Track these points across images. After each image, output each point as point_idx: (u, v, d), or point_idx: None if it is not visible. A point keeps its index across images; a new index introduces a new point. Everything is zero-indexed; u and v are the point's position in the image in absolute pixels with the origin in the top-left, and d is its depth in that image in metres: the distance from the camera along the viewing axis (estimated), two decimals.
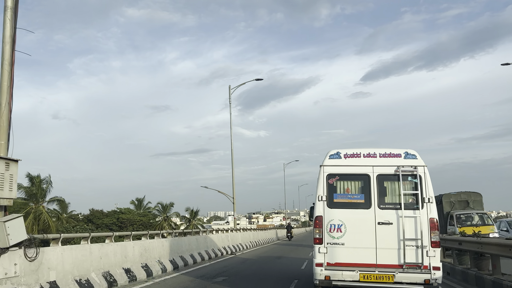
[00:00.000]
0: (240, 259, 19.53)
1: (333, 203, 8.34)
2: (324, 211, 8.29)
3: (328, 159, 8.63)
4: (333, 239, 8.17)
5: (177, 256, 15.41)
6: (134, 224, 52.54)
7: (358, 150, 8.64)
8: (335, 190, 8.44)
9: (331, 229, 8.20)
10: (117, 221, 53.62)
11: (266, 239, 36.60)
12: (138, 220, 54.06)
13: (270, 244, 34.85)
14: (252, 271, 14.57)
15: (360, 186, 8.42)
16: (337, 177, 8.49)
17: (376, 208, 8.14)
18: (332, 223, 8.21)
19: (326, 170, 8.55)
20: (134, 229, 49.15)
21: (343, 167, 8.52)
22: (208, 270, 14.58)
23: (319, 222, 8.27)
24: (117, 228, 50.70)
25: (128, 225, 51.47)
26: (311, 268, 8.69)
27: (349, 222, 8.16)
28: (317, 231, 8.25)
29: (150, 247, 13.39)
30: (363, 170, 8.40)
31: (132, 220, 53.49)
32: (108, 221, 53.74)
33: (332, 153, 8.69)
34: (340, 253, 8.09)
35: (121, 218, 54.03)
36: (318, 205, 8.36)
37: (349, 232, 8.12)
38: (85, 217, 58.78)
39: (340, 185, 8.49)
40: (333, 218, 8.22)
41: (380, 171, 8.34)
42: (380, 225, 8.03)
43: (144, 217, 57.03)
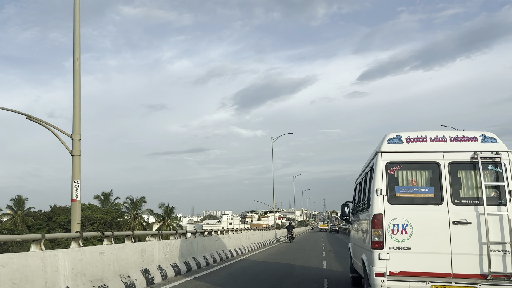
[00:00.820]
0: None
1: (395, 198, 6.88)
2: (384, 208, 6.82)
3: (387, 144, 7.16)
4: (396, 243, 6.70)
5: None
6: (94, 223, 46.83)
7: (423, 133, 7.18)
8: (397, 182, 6.97)
9: (394, 230, 6.73)
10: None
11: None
12: (99, 218, 47.97)
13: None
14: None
15: (428, 176, 6.97)
16: (399, 166, 7.02)
17: (450, 204, 6.70)
18: (395, 223, 6.75)
19: (385, 157, 7.08)
20: (94, 229, 43.67)
21: (406, 154, 7.05)
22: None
23: (379, 221, 6.79)
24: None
25: (87, 224, 45.83)
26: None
27: (416, 222, 6.70)
28: (376, 233, 6.78)
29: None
30: (431, 157, 6.95)
31: (92, 218, 47.32)
32: (63, 220, 47.68)
33: (390, 136, 7.22)
34: (406, 259, 6.63)
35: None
36: (376, 200, 6.89)
37: (417, 234, 6.66)
38: (45, 214, 53.84)
39: (403, 176, 7.02)
40: (396, 217, 6.76)
41: (453, 158, 6.89)
42: (455, 225, 6.58)
43: (107, 214, 50.63)
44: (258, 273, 14.02)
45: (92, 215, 47.79)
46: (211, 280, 12.35)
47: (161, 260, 12.28)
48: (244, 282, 12.08)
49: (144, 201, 58.83)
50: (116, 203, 58.04)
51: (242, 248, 23.26)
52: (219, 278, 12.81)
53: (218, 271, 14.46)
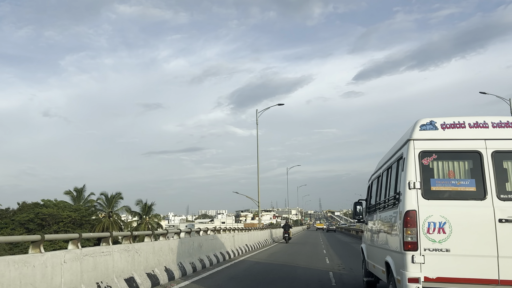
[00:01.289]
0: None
1: (430, 192, 6.03)
2: (418, 204, 5.97)
3: (419, 131, 6.31)
4: (433, 244, 5.84)
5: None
6: (60, 221, 41.63)
7: (461, 118, 6.34)
8: (432, 174, 6.13)
9: (430, 229, 5.87)
10: (36, 217, 41.60)
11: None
12: (65, 216, 42.22)
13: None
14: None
15: (468, 167, 6.13)
16: (435, 156, 6.18)
17: (495, 199, 5.85)
18: (430, 221, 5.89)
19: (418, 145, 6.23)
20: (60, 228, 39.98)
21: (442, 142, 6.21)
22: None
23: (412, 219, 5.93)
24: (35, 226, 40.36)
25: (52, 223, 41.31)
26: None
27: (455, 219, 5.85)
28: (408, 232, 5.91)
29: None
30: (471, 146, 6.12)
31: (57, 216, 41.92)
32: (23, 218, 42.07)
33: (423, 122, 6.37)
34: (445, 263, 5.78)
35: (41, 214, 41.75)
36: (408, 195, 6.04)
37: (456, 234, 5.80)
38: (14, 212, 48.86)
39: (439, 167, 6.18)
40: (432, 214, 5.90)
41: (497, 146, 6.06)
42: (502, 223, 5.73)
43: (76, 212, 44.63)
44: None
45: (58, 212, 42.61)
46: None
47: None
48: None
49: (120, 197, 53.71)
50: (89, 200, 53.04)
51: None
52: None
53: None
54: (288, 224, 38.30)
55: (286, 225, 37.87)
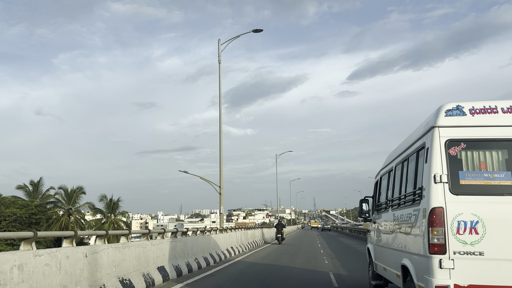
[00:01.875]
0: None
1: (459, 186, 5.31)
2: (446, 200, 5.25)
3: (445, 117, 5.59)
4: (464, 246, 5.13)
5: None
6: (3, 220, 37.00)
7: (492, 102, 5.63)
8: (460, 166, 5.41)
9: (460, 229, 5.16)
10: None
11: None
12: (9, 214, 37.33)
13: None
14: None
15: (502, 158, 5.42)
16: (463, 145, 5.46)
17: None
18: (460, 220, 5.17)
19: (443, 133, 5.51)
20: (3, 228, 35.96)
21: (471, 129, 5.50)
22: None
23: (439, 218, 5.20)
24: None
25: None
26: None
27: (489, 218, 5.14)
28: (435, 233, 5.19)
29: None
30: (505, 133, 5.42)
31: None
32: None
33: (449, 107, 5.65)
34: (478, 269, 5.06)
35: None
36: (434, 190, 5.31)
37: (491, 234, 5.10)
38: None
39: (469, 158, 5.46)
40: (461, 212, 5.19)
41: None
42: None
43: (24, 208, 39.39)
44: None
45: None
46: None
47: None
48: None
49: (82, 192, 48.35)
50: (46, 195, 47.75)
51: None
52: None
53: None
54: (281, 223, 34.30)
55: (279, 224, 34.08)
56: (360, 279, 12.44)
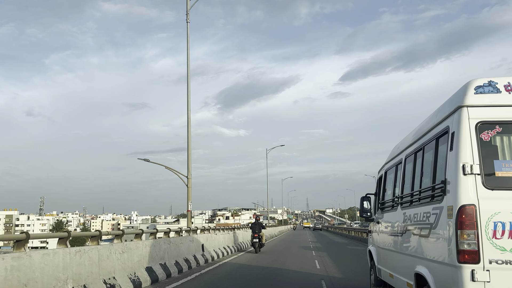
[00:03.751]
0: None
1: (495, 179, 4.50)
2: (478, 196, 4.43)
3: (474, 95, 4.77)
4: (502, 253, 4.30)
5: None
6: None
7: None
8: (496, 154, 4.60)
9: (497, 232, 4.33)
10: None
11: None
12: None
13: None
14: None
15: None
16: (499, 128, 4.66)
17: None
18: (498, 220, 4.35)
19: (473, 114, 4.69)
20: None
21: (509, 109, 4.70)
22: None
23: (469, 218, 4.37)
24: None
25: None
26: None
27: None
28: (465, 237, 4.35)
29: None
30: None
31: None
32: None
33: (479, 83, 4.83)
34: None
35: None
36: (463, 183, 4.49)
37: None
38: None
39: (506, 144, 4.66)
40: (499, 210, 4.37)
41: None
42: None
43: None
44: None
45: None
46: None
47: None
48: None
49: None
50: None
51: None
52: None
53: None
54: (259, 223, 24.99)
55: (256, 224, 24.82)
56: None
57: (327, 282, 12.52)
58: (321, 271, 15.17)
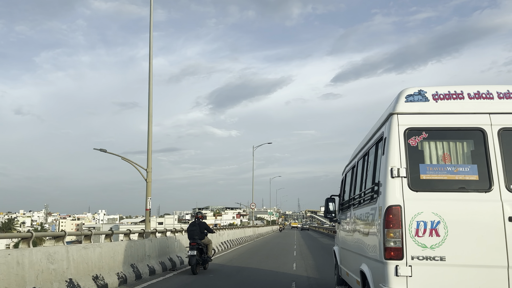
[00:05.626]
0: None
1: (420, 181, 5.09)
2: (404, 197, 5.03)
3: (405, 103, 5.37)
4: (423, 250, 4.91)
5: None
6: None
7: (458, 87, 5.44)
8: (421, 159, 5.19)
9: (420, 230, 4.93)
10: None
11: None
12: None
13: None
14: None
15: (468, 150, 5.23)
16: (425, 134, 5.25)
17: (503, 191, 4.97)
18: (420, 220, 4.95)
19: (403, 121, 5.29)
20: None
21: (435, 117, 5.30)
22: None
23: (396, 217, 4.97)
24: None
25: None
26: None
27: (452, 218, 4.92)
28: (391, 235, 4.95)
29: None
30: (472, 121, 5.23)
31: None
32: None
33: (410, 92, 5.43)
34: (439, 276, 4.85)
35: None
36: (391, 185, 5.08)
37: (454, 237, 4.89)
38: None
39: (431, 149, 5.26)
40: (421, 210, 4.96)
41: (505, 122, 5.20)
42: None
43: None
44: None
45: None
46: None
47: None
48: None
49: None
50: None
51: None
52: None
53: None
54: (202, 224, 15.95)
55: (196, 226, 15.78)
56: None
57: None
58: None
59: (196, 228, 15.60)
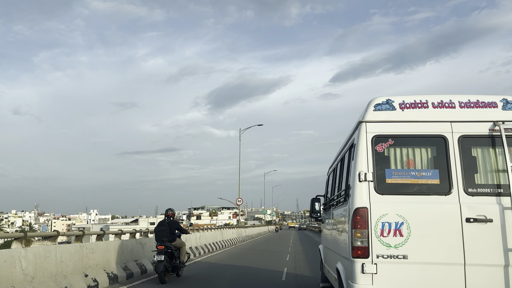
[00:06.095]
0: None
1: (385, 185, 5.55)
2: (370, 200, 5.48)
3: (373, 112, 5.83)
4: (387, 249, 5.36)
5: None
6: None
7: (423, 96, 5.90)
8: (387, 164, 5.65)
9: (384, 231, 5.39)
10: None
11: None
12: None
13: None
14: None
15: (431, 155, 5.68)
16: (391, 141, 5.70)
17: (462, 194, 5.43)
18: (385, 221, 5.40)
19: (371, 128, 5.74)
20: None
21: (400, 124, 5.75)
22: None
23: (362, 218, 5.43)
24: None
25: None
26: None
27: (414, 219, 5.38)
28: (358, 235, 5.42)
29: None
30: (435, 129, 5.68)
31: None
32: None
33: (378, 101, 5.89)
34: (401, 273, 5.31)
35: None
36: (358, 189, 5.54)
37: (416, 236, 5.35)
38: None
39: (396, 155, 5.71)
40: (386, 212, 5.42)
41: (465, 130, 5.65)
42: (470, 223, 5.31)
43: None
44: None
45: None
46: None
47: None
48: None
49: None
50: None
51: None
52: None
53: None
54: (173, 223, 13.88)
55: (164, 226, 13.66)
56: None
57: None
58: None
59: (166, 228, 13.37)
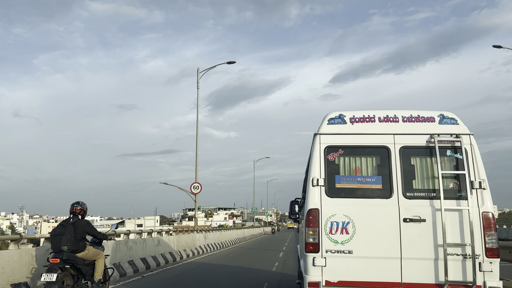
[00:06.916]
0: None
1: (335, 189, 6.49)
2: (321, 202, 6.42)
3: (327, 125, 6.78)
4: (335, 245, 6.31)
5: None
6: None
7: (372, 112, 6.84)
8: (337, 171, 6.59)
9: (333, 229, 6.34)
10: None
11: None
12: None
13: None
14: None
15: (375, 164, 6.62)
16: (341, 151, 6.64)
17: (400, 197, 6.37)
18: (333, 220, 6.35)
19: (324, 140, 6.67)
20: None
21: (350, 136, 6.69)
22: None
23: (314, 218, 6.38)
24: None
25: None
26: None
27: (359, 219, 6.33)
28: (310, 233, 6.37)
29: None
30: (379, 140, 6.60)
31: None
32: None
33: (332, 116, 6.84)
34: (347, 266, 6.26)
35: None
36: (311, 192, 6.48)
37: (360, 234, 6.29)
38: None
39: (345, 163, 6.64)
40: (335, 213, 6.37)
41: (405, 141, 6.57)
42: (406, 223, 6.25)
43: None
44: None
45: None
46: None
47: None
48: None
49: None
50: None
51: None
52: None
53: None
54: (81, 224, 8.82)
55: (67, 227, 8.56)
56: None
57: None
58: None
59: (68, 231, 8.55)
